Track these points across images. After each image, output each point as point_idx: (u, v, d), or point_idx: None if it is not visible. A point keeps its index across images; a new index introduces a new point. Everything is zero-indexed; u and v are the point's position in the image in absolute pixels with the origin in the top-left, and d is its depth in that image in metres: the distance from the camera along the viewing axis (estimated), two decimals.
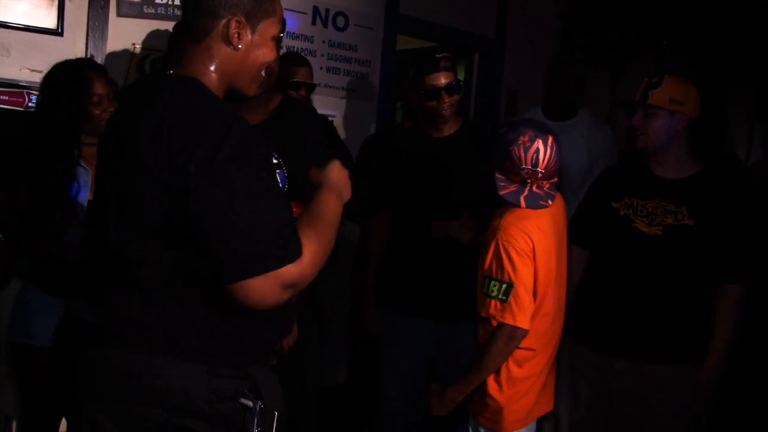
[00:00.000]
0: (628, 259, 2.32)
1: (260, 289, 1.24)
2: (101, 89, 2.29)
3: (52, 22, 2.84)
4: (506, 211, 2.12)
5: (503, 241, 2.05)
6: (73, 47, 2.87)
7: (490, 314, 2.06)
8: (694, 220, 2.22)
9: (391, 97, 4.14)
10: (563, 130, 2.96)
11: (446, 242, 2.54)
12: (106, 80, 2.33)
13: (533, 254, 2.05)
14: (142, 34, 3.04)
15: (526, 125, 2.11)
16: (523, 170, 2.06)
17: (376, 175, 2.79)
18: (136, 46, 3.03)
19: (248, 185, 1.24)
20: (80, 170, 2.28)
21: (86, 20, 2.92)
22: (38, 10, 2.81)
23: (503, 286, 2.03)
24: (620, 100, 4.37)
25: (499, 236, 2.06)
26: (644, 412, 2.27)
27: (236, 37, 1.40)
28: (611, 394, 2.32)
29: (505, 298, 2.03)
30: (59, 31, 2.86)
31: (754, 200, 2.35)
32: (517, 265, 2.03)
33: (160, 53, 3.04)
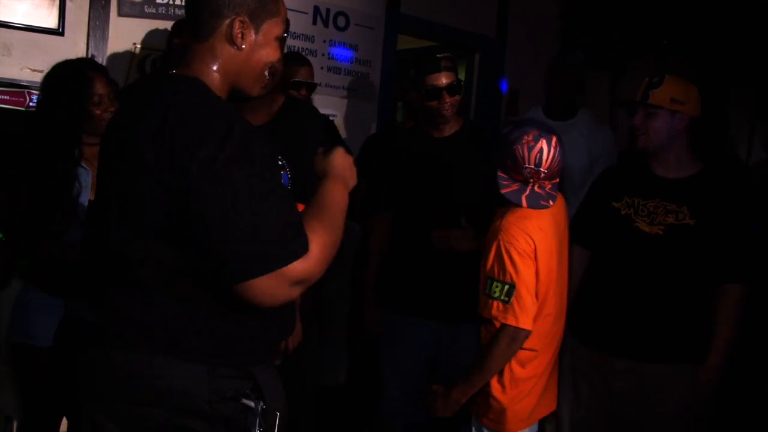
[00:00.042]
0: (629, 258, 2.31)
1: (267, 287, 1.24)
2: (102, 89, 2.29)
3: (53, 21, 2.84)
4: (508, 211, 2.11)
5: (505, 241, 2.04)
6: (74, 47, 2.88)
7: (492, 315, 2.06)
8: (695, 219, 2.22)
9: (391, 96, 4.14)
10: (563, 129, 2.95)
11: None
12: (106, 80, 2.33)
13: (535, 255, 2.05)
14: (143, 33, 3.05)
15: (530, 124, 2.10)
16: (525, 169, 2.05)
17: (376, 174, 2.78)
18: (136, 45, 3.03)
19: (250, 185, 1.23)
20: (81, 170, 2.28)
21: (87, 20, 2.93)
22: (39, 9, 2.81)
23: (505, 287, 2.02)
24: (621, 100, 4.36)
25: (500, 237, 2.05)
26: (645, 411, 2.27)
27: (240, 37, 1.39)
28: (612, 393, 2.32)
29: (507, 299, 2.02)
30: (60, 30, 2.86)
31: (754, 200, 2.34)
32: (518, 265, 2.02)
33: (161, 53, 3.04)
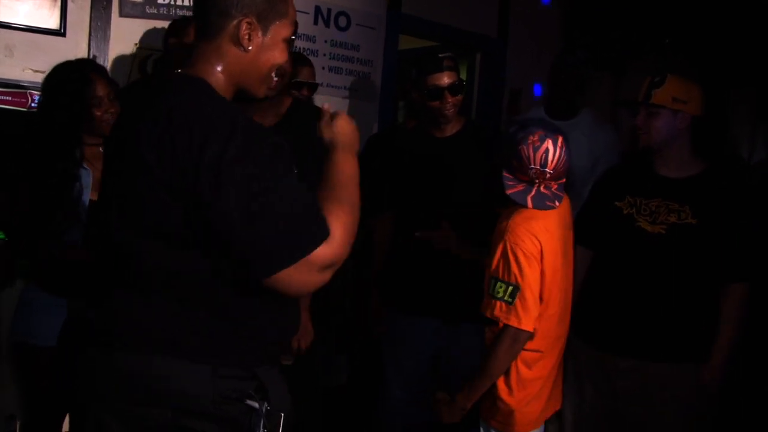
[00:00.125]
0: (631, 258, 2.31)
1: (296, 277, 1.24)
2: (102, 90, 2.28)
3: (54, 22, 2.85)
4: (514, 211, 2.09)
5: (511, 242, 2.02)
6: (75, 48, 2.88)
7: (495, 315, 2.04)
8: (697, 219, 2.21)
9: (393, 96, 4.14)
10: (565, 129, 2.93)
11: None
12: (107, 81, 2.33)
13: (541, 256, 2.03)
14: (144, 34, 3.05)
15: (536, 124, 2.08)
16: (531, 170, 2.03)
17: (379, 174, 2.78)
18: (138, 46, 3.03)
19: (261, 180, 1.22)
20: (82, 171, 2.28)
21: (89, 21, 2.93)
22: (41, 10, 2.81)
23: (509, 288, 2.01)
24: (623, 99, 4.36)
25: (507, 237, 2.04)
26: (648, 410, 2.27)
27: (246, 38, 1.37)
28: (615, 393, 2.32)
29: (510, 300, 2.01)
30: (62, 31, 2.86)
31: (756, 199, 2.34)
32: (524, 267, 2.01)
33: (162, 53, 3.04)
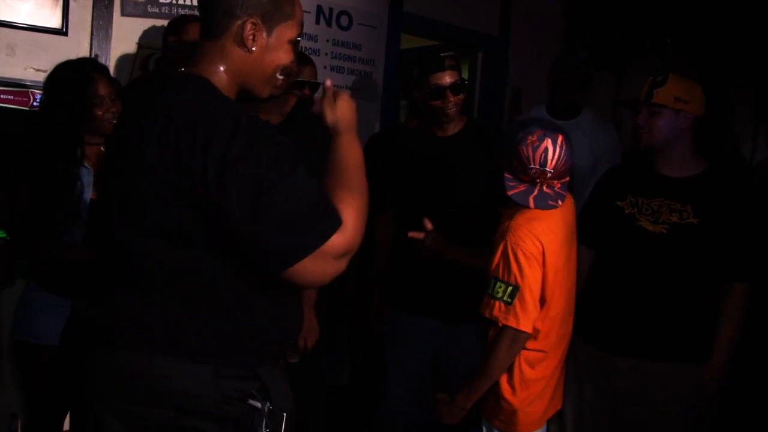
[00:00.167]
0: (632, 257, 2.31)
1: (313, 268, 1.24)
2: (103, 89, 2.27)
3: (56, 21, 2.85)
4: (517, 211, 2.08)
5: (512, 243, 2.01)
6: (77, 47, 2.88)
7: (493, 315, 2.03)
8: (699, 218, 2.21)
9: (395, 95, 4.13)
10: (566, 129, 2.94)
11: (449, 241, 2.54)
12: (108, 80, 2.32)
13: (542, 257, 2.02)
14: (146, 33, 3.05)
15: (536, 124, 2.07)
16: (531, 170, 2.02)
17: (380, 174, 2.78)
18: (140, 45, 3.03)
19: (269, 176, 1.21)
20: (83, 170, 2.27)
21: (90, 20, 2.93)
22: (43, 9, 2.81)
23: (509, 288, 2.00)
24: (625, 99, 4.36)
25: (508, 238, 2.03)
26: (649, 410, 2.27)
27: (251, 39, 1.37)
28: (616, 393, 2.32)
29: (510, 300, 2.00)
30: (64, 30, 2.86)
31: (757, 199, 2.34)
32: (524, 268, 2.00)
33: (162, 52, 3.04)
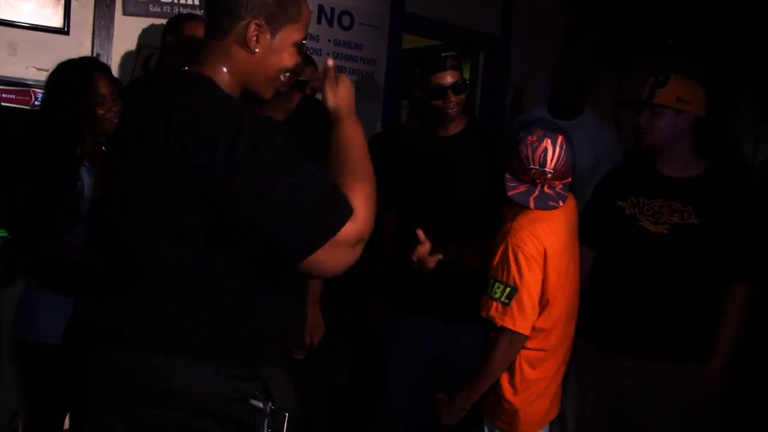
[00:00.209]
0: (634, 257, 2.31)
1: (328, 258, 1.25)
2: (105, 88, 2.27)
3: (58, 21, 2.85)
4: (519, 212, 2.07)
5: (513, 244, 2.01)
6: (79, 46, 2.88)
7: (490, 315, 2.03)
8: (700, 218, 2.21)
9: (396, 95, 4.13)
10: (568, 129, 2.94)
11: (451, 240, 2.54)
12: (110, 79, 2.32)
13: (544, 259, 2.01)
14: (147, 32, 3.05)
15: (536, 124, 2.06)
16: (531, 170, 2.01)
17: (382, 173, 2.77)
18: (141, 44, 3.04)
19: (276, 172, 1.21)
20: (84, 169, 2.27)
21: (92, 19, 2.93)
22: (45, 9, 2.82)
23: (507, 289, 2.00)
24: (626, 99, 4.36)
25: (509, 239, 2.02)
26: (650, 411, 2.27)
27: (254, 40, 1.36)
28: (617, 393, 2.32)
29: (507, 301, 1.99)
30: (65, 30, 2.86)
31: (759, 199, 2.34)
32: (524, 270, 1.99)
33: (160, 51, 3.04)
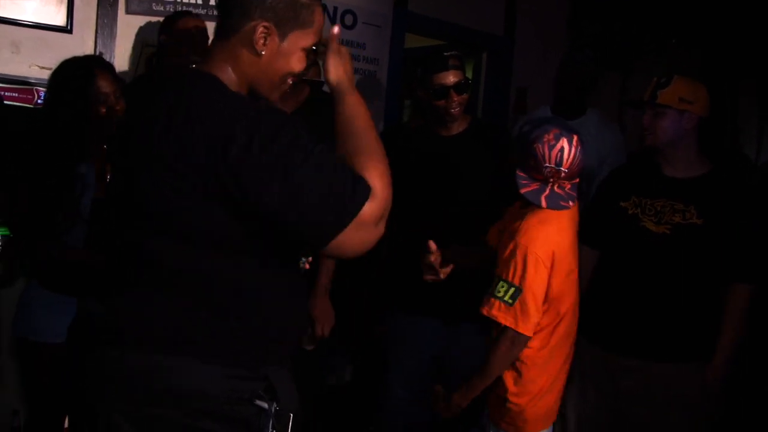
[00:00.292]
0: (636, 257, 2.31)
1: (353, 238, 1.25)
2: (107, 87, 2.26)
3: (61, 19, 2.85)
4: (527, 212, 2.06)
5: (522, 245, 2.00)
6: (82, 44, 2.88)
7: (491, 314, 2.02)
8: (702, 219, 2.21)
9: (399, 95, 4.13)
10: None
11: (453, 240, 2.54)
12: (112, 78, 2.30)
13: (552, 261, 2.00)
14: (150, 31, 3.05)
15: (551, 123, 2.05)
16: (546, 169, 2.00)
17: None
18: (145, 43, 3.04)
19: (292, 159, 1.20)
20: (86, 169, 2.26)
21: (95, 17, 2.93)
22: (48, 7, 2.82)
23: (511, 289, 1.99)
24: (629, 99, 4.35)
25: (518, 239, 2.01)
26: (652, 410, 2.27)
27: (261, 42, 1.35)
28: (619, 392, 2.32)
29: (511, 301, 1.98)
30: (68, 28, 2.86)
31: (761, 199, 2.34)
32: (530, 271, 1.98)
33: (157, 49, 3.04)
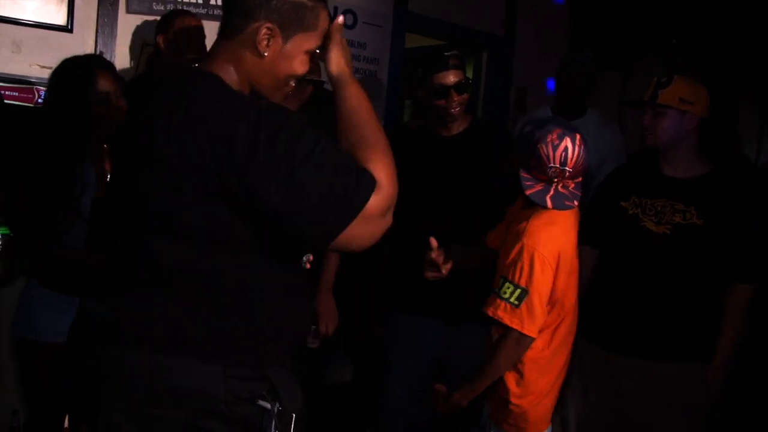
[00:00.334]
0: (636, 257, 2.31)
1: (360, 232, 1.24)
2: (107, 86, 2.25)
3: (62, 18, 2.85)
4: (533, 213, 2.05)
5: (528, 246, 1.99)
6: (82, 44, 2.88)
7: (497, 315, 2.01)
8: (702, 219, 2.21)
9: (399, 95, 4.13)
10: None
11: (454, 240, 2.54)
12: (112, 77, 2.30)
13: (557, 262, 2.00)
14: (151, 30, 3.04)
15: (553, 123, 2.05)
16: (550, 169, 1.99)
17: None
18: (145, 42, 3.03)
19: (295, 155, 1.20)
20: (86, 168, 2.25)
21: (96, 17, 2.93)
22: (48, 6, 2.82)
23: (517, 290, 1.98)
24: (630, 99, 4.36)
25: (525, 240, 2.00)
26: (653, 410, 2.27)
27: (264, 43, 1.34)
28: (620, 392, 2.32)
29: (517, 303, 1.97)
30: (69, 27, 2.87)
31: (761, 200, 2.34)
32: (536, 273, 1.97)
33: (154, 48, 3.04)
